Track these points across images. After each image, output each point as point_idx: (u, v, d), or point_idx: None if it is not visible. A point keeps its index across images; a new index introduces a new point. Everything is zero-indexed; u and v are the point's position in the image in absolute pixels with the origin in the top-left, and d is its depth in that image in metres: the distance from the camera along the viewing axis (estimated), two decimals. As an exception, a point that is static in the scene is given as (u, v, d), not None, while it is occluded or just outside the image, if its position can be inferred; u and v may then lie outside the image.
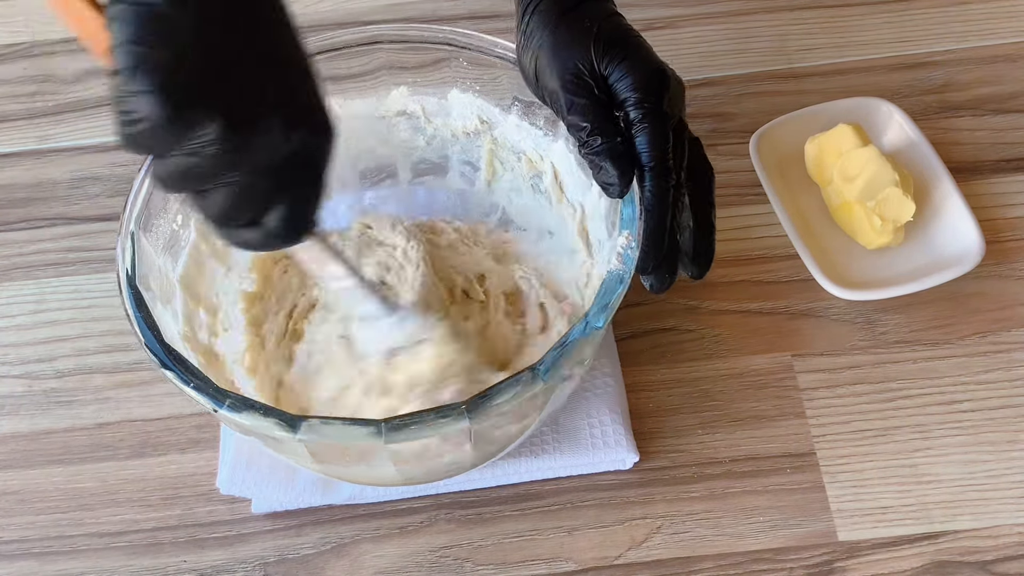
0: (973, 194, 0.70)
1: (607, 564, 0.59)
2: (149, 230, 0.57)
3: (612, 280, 0.52)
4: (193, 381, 0.50)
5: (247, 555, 0.61)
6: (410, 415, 0.48)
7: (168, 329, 0.54)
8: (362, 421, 0.48)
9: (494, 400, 0.49)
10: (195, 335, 0.58)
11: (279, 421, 0.48)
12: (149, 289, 0.55)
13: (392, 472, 0.54)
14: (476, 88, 0.64)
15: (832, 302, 0.67)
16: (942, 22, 0.81)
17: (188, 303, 0.59)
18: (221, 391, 0.50)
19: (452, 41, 0.63)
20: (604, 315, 0.51)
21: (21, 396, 0.67)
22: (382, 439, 0.47)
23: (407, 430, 0.48)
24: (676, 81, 0.56)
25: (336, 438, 0.49)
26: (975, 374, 0.64)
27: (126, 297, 0.53)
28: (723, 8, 0.83)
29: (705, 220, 0.57)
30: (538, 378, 0.49)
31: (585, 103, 0.55)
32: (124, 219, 0.56)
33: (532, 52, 0.58)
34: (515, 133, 0.65)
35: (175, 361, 0.51)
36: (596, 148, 0.54)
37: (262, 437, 0.53)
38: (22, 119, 0.81)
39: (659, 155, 0.54)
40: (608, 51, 0.55)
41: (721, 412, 0.64)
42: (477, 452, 0.55)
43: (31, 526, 0.62)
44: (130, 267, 0.54)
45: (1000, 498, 0.60)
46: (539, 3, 0.58)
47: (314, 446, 0.51)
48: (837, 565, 0.58)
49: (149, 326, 0.52)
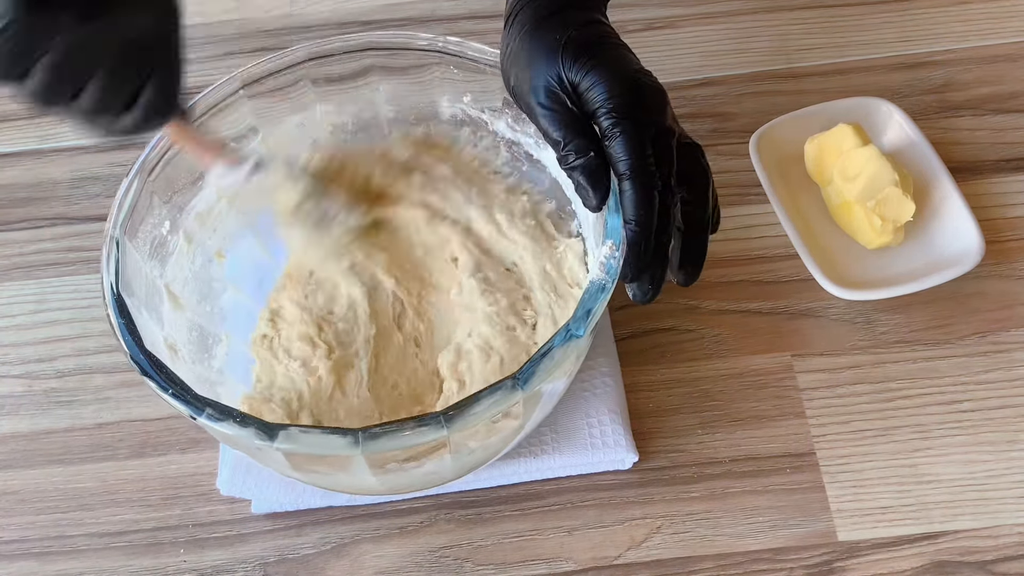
0: (973, 194, 0.70)
1: (607, 564, 0.59)
2: (134, 236, 0.57)
3: (594, 289, 0.52)
4: (172, 388, 0.50)
5: (247, 555, 0.61)
6: (388, 424, 0.48)
7: (152, 335, 0.54)
8: (339, 430, 0.48)
9: (472, 409, 0.48)
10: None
11: (257, 430, 0.48)
12: (133, 295, 0.55)
13: (372, 481, 0.54)
14: (466, 97, 0.64)
15: (832, 302, 0.67)
16: (942, 22, 0.81)
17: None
18: (200, 399, 0.50)
19: (442, 49, 0.62)
20: (585, 324, 0.50)
21: (21, 396, 0.67)
22: (358, 448, 0.47)
23: (384, 439, 0.48)
24: (652, 87, 0.53)
25: (313, 447, 0.48)
26: (975, 374, 0.64)
27: (109, 303, 0.53)
28: (723, 8, 0.83)
29: (696, 226, 0.55)
30: (518, 387, 0.49)
31: (557, 116, 0.53)
32: (108, 225, 0.56)
33: (510, 63, 0.56)
34: (507, 135, 0.65)
35: (155, 368, 0.51)
36: (570, 164, 0.53)
37: (244, 447, 0.53)
38: (22, 119, 0.81)
39: (636, 163, 0.51)
40: (576, 60, 0.53)
41: (721, 412, 0.64)
42: (457, 462, 0.55)
43: (31, 526, 0.62)
44: (114, 273, 0.54)
45: (1000, 498, 0.60)
46: (520, 11, 0.56)
47: (292, 454, 0.51)
48: (837, 565, 0.58)
49: (131, 332, 0.52)
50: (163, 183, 0.59)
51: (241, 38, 0.85)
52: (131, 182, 0.57)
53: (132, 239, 0.57)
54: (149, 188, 0.58)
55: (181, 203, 0.61)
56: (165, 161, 0.59)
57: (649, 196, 0.52)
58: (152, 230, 0.59)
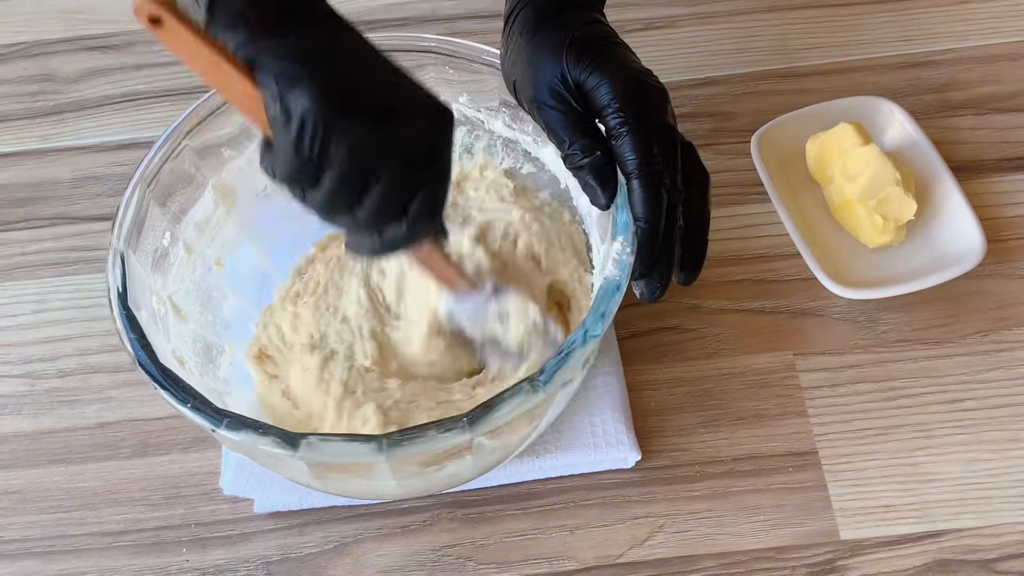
0: (974, 193, 0.70)
1: (609, 563, 0.59)
2: (137, 249, 0.57)
3: (608, 287, 0.52)
4: (190, 401, 0.50)
5: (249, 554, 0.61)
6: (410, 429, 0.48)
7: (160, 348, 0.54)
8: (362, 437, 0.48)
9: (495, 412, 0.48)
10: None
11: (277, 439, 0.48)
12: (140, 309, 0.54)
13: (393, 485, 0.54)
14: (462, 97, 0.64)
15: (834, 301, 0.67)
16: (943, 21, 0.81)
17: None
18: (218, 411, 0.49)
19: (437, 49, 0.62)
20: (601, 323, 0.51)
21: (23, 395, 0.67)
22: (383, 455, 0.47)
23: (408, 444, 0.48)
24: (655, 87, 0.54)
25: (336, 455, 0.48)
26: (977, 373, 0.64)
27: (118, 317, 0.53)
28: (723, 8, 0.83)
29: (696, 226, 0.55)
30: (539, 388, 0.49)
31: (562, 116, 0.53)
32: (113, 237, 0.56)
33: (511, 63, 0.56)
34: (505, 134, 0.65)
35: (171, 381, 0.50)
36: (577, 163, 0.53)
37: (259, 455, 0.53)
38: (23, 119, 0.81)
39: (643, 161, 0.52)
40: (581, 60, 0.53)
41: (723, 411, 0.64)
42: (477, 463, 0.55)
43: (33, 525, 0.62)
44: (122, 287, 0.54)
45: (1002, 496, 0.60)
46: (520, 12, 0.56)
47: (314, 463, 0.51)
48: (839, 564, 0.58)
49: (143, 347, 0.52)
50: (162, 192, 0.59)
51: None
52: (132, 192, 0.57)
53: (135, 251, 0.56)
54: (149, 198, 0.58)
55: (179, 213, 0.61)
56: (164, 171, 0.59)
57: (657, 194, 0.52)
58: (153, 241, 0.58)
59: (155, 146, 0.59)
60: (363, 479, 0.54)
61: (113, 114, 0.81)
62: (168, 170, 0.59)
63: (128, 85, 0.83)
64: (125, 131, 0.80)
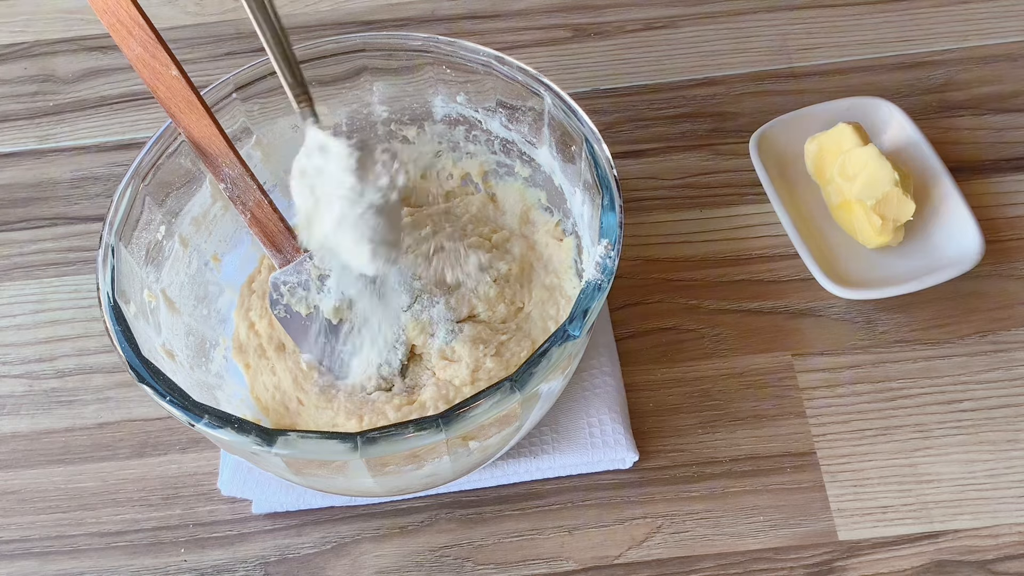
0: (973, 193, 0.70)
1: (607, 563, 0.59)
2: (129, 242, 0.57)
3: (590, 289, 0.52)
4: (169, 395, 0.50)
5: (248, 554, 0.61)
6: (386, 427, 0.48)
7: (149, 342, 0.54)
8: (338, 435, 0.48)
9: (471, 413, 0.48)
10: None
11: (256, 437, 0.48)
12: (129, 302, 0.55)
13: (371, 483, 0.54)
14: (459, 97, 0.64)
15: (832, 301, 0.67)
16: (942, 21, 0.81)
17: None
18: (199, 405, 0.49)
19: (435, 49, 0.62)
20: (582, 325, 0.50)
21: (22, 396, 0.67)
22: (358, 453, 0.47)
23: (384, 443, 0.48)
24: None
25: (313, 453, 0.48)
26: (975, 373, 0.64)
27: (105, 310, 0.53)
28: (723, 8, 0.83)
29: None
30: (515, 389, 0.49)
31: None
32: (104, 231, 0.56)
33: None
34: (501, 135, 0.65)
35: (152, 374, 0.51)
36: None
37: (241, 453, 0.53)
38: (23, 119, 0.81)
39: None
40: None
41: (721, 411, 0.64)
42: (456, 464, 0.55)
43: (32, 526, 0.62)
44: (110, 281, 0.54)
45: (1000, 497, 0.60)
46: None
47: (291, 460, 0.51)
48: (837, 564, 0.58)
49: (127, 339, 0.52)
50: (157, 187, 0.59)
51: (241, 38, 0.85)
52: (125, 187, 0.57)
53: (127, 245, 0.56)
54: (143, 193, 0.58)
55: (176, 208, 0.61)
56: (159, 166, 0.59)
57: None
58: (147, 235, 0.58)
59: (150, 141, 0.59)
60: (340, 476, 0.54)
61: (113, 114, 0.81)
62: (164, 165, 0.59)
63: (128, 85, 0.83)
64: (125, 131, 0.80)
